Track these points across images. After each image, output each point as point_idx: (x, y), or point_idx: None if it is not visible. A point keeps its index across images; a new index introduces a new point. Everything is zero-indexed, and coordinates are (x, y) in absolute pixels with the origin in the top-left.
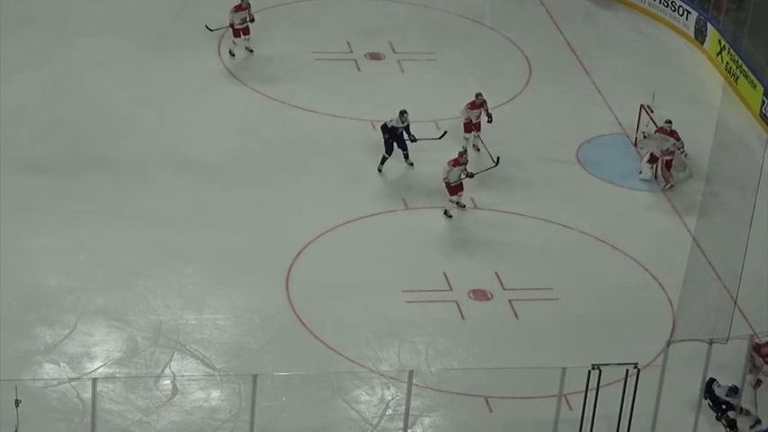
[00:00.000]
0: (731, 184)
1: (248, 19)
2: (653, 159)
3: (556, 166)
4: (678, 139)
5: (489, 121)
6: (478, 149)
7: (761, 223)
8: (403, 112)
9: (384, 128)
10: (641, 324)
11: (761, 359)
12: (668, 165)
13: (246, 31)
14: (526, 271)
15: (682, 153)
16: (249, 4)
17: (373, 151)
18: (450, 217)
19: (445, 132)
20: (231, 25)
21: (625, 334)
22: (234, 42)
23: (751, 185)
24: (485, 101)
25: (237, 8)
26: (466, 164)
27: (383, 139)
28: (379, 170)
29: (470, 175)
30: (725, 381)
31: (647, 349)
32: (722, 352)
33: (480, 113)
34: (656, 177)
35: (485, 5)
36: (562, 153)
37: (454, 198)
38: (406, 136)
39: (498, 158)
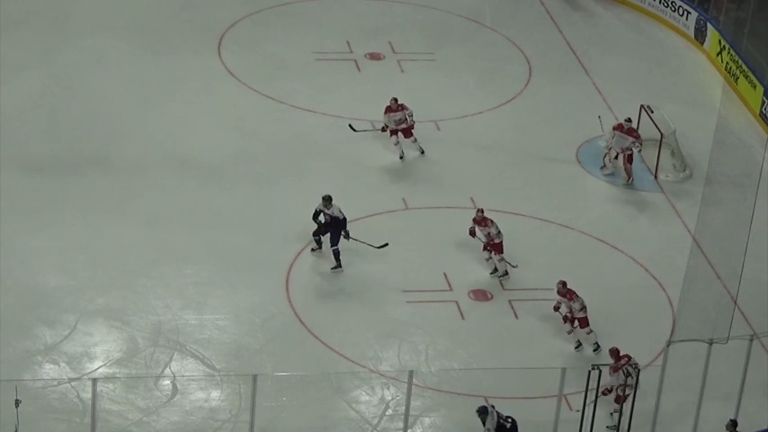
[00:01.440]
0: (731, 184)
1: (403, 119)
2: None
3: (556, 166)
4: (637, 137)
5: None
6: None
7: (761, 223)
8: (326, 198)
9: (316, 215)
10: (641, 324)
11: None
12: (629, 159)
13: (406, 133)
14: (526, 271)
15: (638, 151)
16: (402, 106)
17: (373, 151)
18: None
19: (386, 244)
20: (384, 128)
21: (625, 334)
22: (395, 143)
23: (751, 185)
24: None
25: (387, 109)
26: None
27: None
28: (340, 268)
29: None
30: (725, 381)
31: (647, 349)
32: (722, 352)
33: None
34: (605, 167)
35: (485, 5)
36: (562, 153)
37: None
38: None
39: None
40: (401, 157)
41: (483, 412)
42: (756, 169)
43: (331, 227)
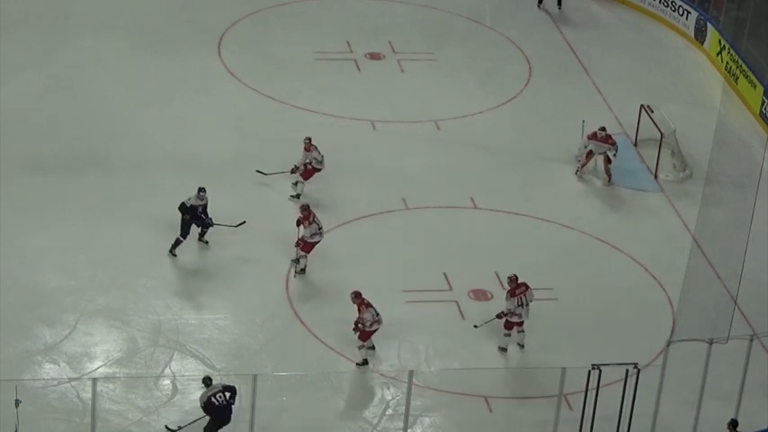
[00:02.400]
0: (731, 184)
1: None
2: (590, 155)
3: (556, 166)
4: (613, 143)
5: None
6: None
7: (761, 223)
8: (201, 190)
9: (183, 207)
10: (641, 324)
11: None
12: (608, 160)
13: (306, 175)
14: (526, 271)
15: (613, 155)
16: (314, 147)
17: (373, 151)
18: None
19: (243, 222)
20: (294, 169)
21: (625, 334)
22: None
23: (751, 185)
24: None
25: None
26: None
27: (181, 220)
28: (173, 254)
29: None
30: (725, 381)
31: (647, 349)
32: (722, 352)
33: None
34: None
35: (485, 5)
36: (562, 153)
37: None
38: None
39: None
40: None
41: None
42: (756, 169)
43: (196, 216)
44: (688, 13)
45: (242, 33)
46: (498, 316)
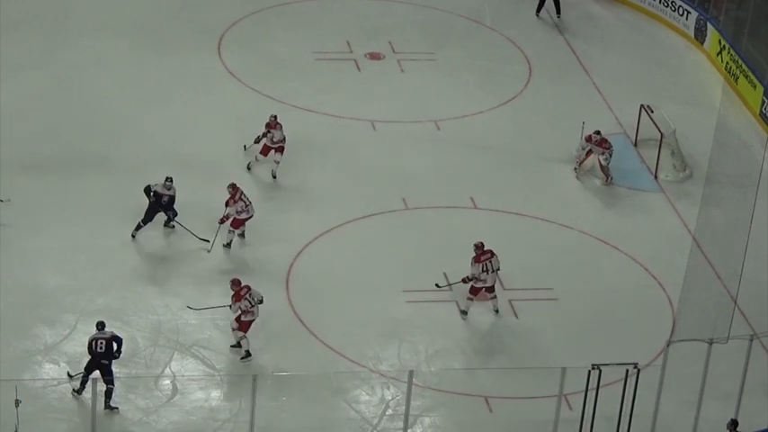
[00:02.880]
0: (731, 184)
1: (282, 139)
2: (589, 153)
3: (556, 166)
4: (608, 147)
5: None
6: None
7: (761, 223)
8: (168, 179)
9: (147, 190)
10: (641, 324)
11: None
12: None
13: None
14: (526, 271)
15: (604, 159)
16: (280, 125)
17: (373, 151)
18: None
19: (208, 240)
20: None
21: (625, 334)
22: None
23: (751, 185)
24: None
25: (268, 125)
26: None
27: (148, 203)
28: (133, 236)
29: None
30: (725, 381)
31: (647, 349)
32: (722, 352)
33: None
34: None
35: (485, 5)
36: (562, 153)
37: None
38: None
39: None
40: (274, 176)
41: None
42: (756, 169)
43: (161, 204)
44: (688, 13)
45: (242, 33)
46: (464, 280)
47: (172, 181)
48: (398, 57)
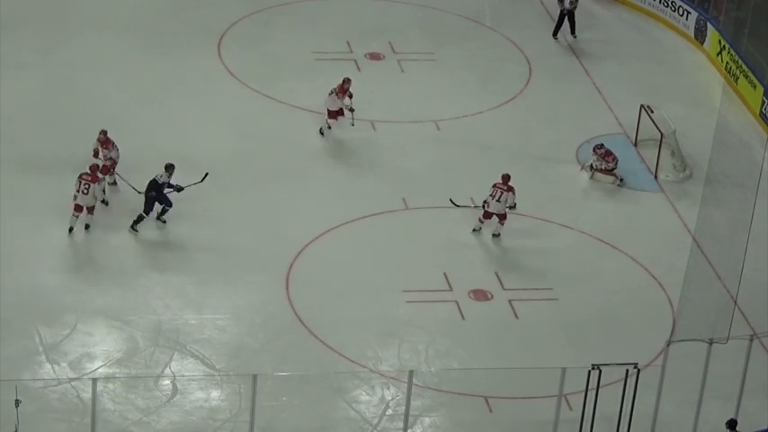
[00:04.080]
0: (731, 184)
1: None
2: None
3: (556, 166)
4: (613, 159)
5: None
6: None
7: (761, 223)
8: (169, 167)
9: (154, 185)
10: (641, 324)
11: None
12: (608, 170)
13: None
14: (526, 271)
15: (612, 171)
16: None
17: (373, 151)
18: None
19: (206, 174)
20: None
21: (625, 334)
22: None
23: (751, 185)
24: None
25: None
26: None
27: (146, 197)
28: (135, 230)
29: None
30: (725, 381)
31: (647, 349)
32: (722, 352)
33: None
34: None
35: (485, 5)
36: (562, 153)
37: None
38: (167, 189)
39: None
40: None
41: None
42: (756, 169)
43: (161, 194)
44: (688, 13)
45: (242, 33)
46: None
47: (174, 168)
48: (398, 57)
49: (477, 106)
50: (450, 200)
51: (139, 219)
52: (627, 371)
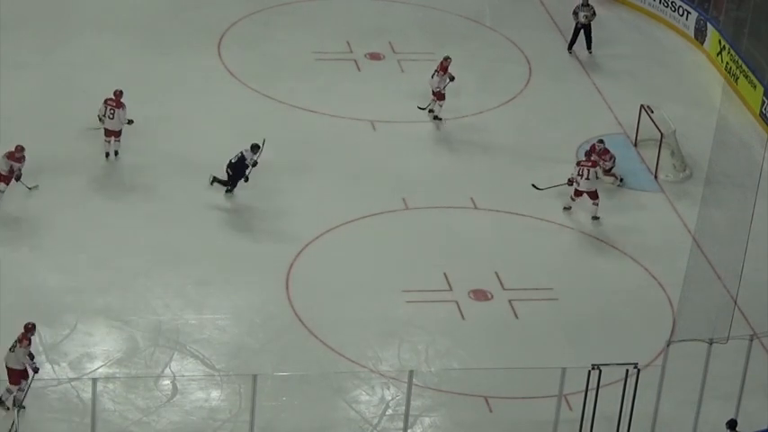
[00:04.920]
0: (731, 184)
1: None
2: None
3: (556, 166)
4: (610, 158)
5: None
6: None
7: (761, 223)
8: (255, 147)
9: (239, 162)
10: (641, 324)
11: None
12: (606, 171)
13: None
14: (526, 271)
15: (610, 170)
16: None
17: (373, 151)
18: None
19: (264, 140)
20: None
21: (625, 334)
22: None
23: (751, 185)
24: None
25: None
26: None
27: (230, 172)
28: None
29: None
30: (725, 381)
31: (647, 349)
32: (722, 352)
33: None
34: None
35: (485, 5)
36: (562, 153)
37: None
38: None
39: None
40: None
41: None
42: (756, 169)
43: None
44: (688, 13)
45: (242, 33)
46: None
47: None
48: (398, 57)
49: (477, 106)
50: (533, 185)
51: (228, 185)
52: (627, 371)
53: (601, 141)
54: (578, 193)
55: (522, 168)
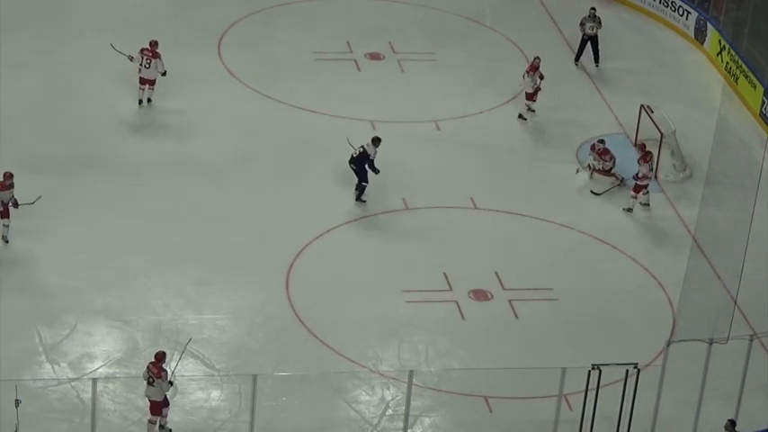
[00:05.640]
0: (731, 184)
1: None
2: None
3: (556, 166)
4: (610, 159)
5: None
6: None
7: (761, 223)
8: (376, 140)
9: (361, 156)
10: (641, 324)
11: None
12: (606, 171)
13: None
14: (526, 271)
15: (610, 171)
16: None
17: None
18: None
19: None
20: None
21: (625, 334)
22: None
23: (751, 185)
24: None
25: None
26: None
27: (356, 169)
28: (363, 200)
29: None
30: (725, 381)
31: (647, 349)
32: (722, 352)
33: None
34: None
35: (485, 5)
36: (562, 153)
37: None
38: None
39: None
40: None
41: None
42: (756, 169)
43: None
44: (688, 13)
45: (242, 33)
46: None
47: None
48: (398, 57)
49: (477, 106)
50: (592, 191)
51: (362, 188)
52: (627, 371)
53: (601, 141)
54: (639, 189)
55: (522, 168)
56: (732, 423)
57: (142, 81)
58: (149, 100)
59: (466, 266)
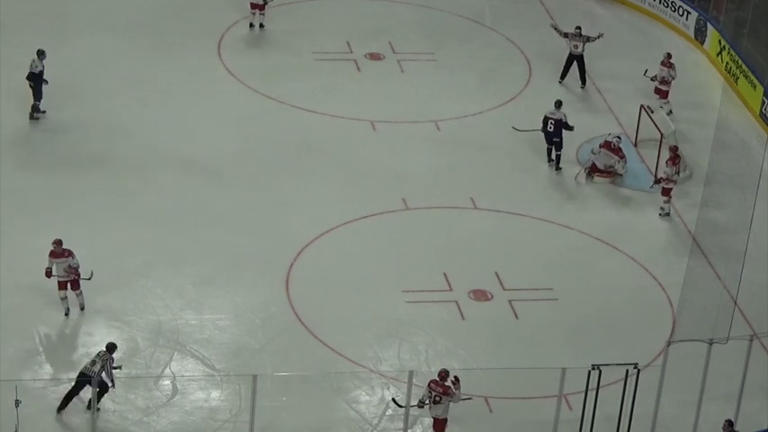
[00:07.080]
0: (731, 184)
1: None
2: (593, 169)
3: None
4: (622, 157)
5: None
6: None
7: (761, 223)
8: (558, 103)
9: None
10: (641, 324)
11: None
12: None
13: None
14: (526, 271)
15: (623, 169)
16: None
17: (373, 151)
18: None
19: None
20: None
21: (625, 334)
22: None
23: (751, 185)
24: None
25: (52, 253)
26: None
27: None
28: (558, 168)
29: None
30: (725, 381)
31: (647, 349)
32: (722, 352)
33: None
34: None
35: (485, 5)
36: (562, 153)
37: None
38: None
39: None
40: None
41: None
42: (756, 169)
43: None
44: (688, 13)
45: (242, 33)
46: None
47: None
48: (398, 57)
49: (477, 106)
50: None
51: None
52: (627, 371)
53: (618, 138)
54: (667, 192)
55: (522, 168)
56: (730, 423)
57: (252, 6)
58: (261, 25)
59: (466, 266)
